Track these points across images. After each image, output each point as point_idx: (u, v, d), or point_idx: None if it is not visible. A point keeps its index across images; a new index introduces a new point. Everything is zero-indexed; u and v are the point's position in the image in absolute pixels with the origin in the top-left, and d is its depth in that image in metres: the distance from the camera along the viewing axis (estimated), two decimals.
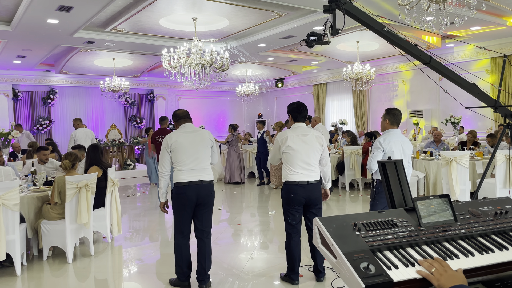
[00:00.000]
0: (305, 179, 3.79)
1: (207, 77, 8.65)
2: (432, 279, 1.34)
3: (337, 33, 2.98)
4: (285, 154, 3.82)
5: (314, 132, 3.94)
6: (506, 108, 3.85)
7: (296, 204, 3.82)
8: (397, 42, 3.19)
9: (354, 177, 9.05)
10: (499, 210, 1.72)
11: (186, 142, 3.76)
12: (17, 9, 7.70)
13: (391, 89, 13.93)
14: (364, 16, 3.07)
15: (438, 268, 1.36)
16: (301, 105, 3.95)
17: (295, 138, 3.81)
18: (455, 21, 5.31)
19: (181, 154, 3.75)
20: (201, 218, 3.83)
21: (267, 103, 19.07)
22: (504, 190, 6.28)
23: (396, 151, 4.00)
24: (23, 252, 4.60)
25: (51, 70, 13.87)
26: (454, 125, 10.16)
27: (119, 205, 5.73)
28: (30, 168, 5.90)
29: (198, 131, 3.87)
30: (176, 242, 3.85)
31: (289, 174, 3.81)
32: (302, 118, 3.92)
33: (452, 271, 1.35)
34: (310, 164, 3.82)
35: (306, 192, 3.79)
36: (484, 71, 11.43)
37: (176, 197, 3.77)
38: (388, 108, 4.23)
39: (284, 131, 3.96)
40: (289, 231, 3.92)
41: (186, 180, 3.72)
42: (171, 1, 7.55)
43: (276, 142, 3.90)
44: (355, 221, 1.56)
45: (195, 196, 3.73)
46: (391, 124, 4.10)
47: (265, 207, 7.93)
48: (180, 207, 3.77)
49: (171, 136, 3.81)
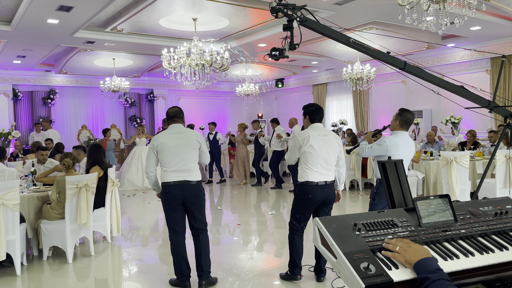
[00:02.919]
0: (323, 179, 3.79)
1: (207, 77, 8.65)
2: (398, 257, 1.39)
3: (294, 48, 3.29)
4: (306, 154, 3.78)
5: (333, 133, 3.95)
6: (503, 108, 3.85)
7: (312, 205, 3.82)
8: (367, 52, 3.34)
9: (354, 177, 9.05)
10: (499, 210, 1.72)
11: (171, 143, 3.78)
12: (17, 9, 7.70)
13: (391, 89, 13.93)
14: (328, 30, 3.29)
15: (402, 245, 1.41)
16: (319, 108, 3.99)
17: (317, 138, 3.79)
18: (455, 21, 5.31)
19: (167, 155, 3.77)
20: (193, 217, 3.87)
21: (267, 103, 19.07)
22: (504, 190, 6.28)
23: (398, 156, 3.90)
24: (23, 252, 4.60)
25: (51, 70, 13.87)
26: (454, 125, 10.16)
27: (119, 205, 5.73)
28: (30, 168, 5.90)
29: (185, 132, 3.86)
30: (170, 240, 3.89)
31: (308, 174, 3.77)
32: (318, 120, 3.94)
33: (416, 246, 1.40)
34: (330, 164, 3.82)
35: (324, 193, 3.79)
36: (484, 71, 11.43)
37: (163, 196, 3.83)
38: (402, 108, 4.10)
39: (304, 130, 3.93)
40: (294, 228, 3.92)
41: (172, 180, 3.75)
42: (171, 1, 7.55)
43: (297, 142, 3.85)
44: (355, 221, 1.56)
45: (180, 196, 3.76)
46: (401, 126, 4.01)
47: (265, 207, 7.93)
48: (167, 205, 3.81)
49: (158, 137, 3.85)
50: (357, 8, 7.78)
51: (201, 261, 3.87)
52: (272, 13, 3.32)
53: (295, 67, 14.87)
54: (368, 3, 7.52)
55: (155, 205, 8.25)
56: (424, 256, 1.35)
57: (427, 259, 1.34)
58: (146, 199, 8.94)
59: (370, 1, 7.42)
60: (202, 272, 3.88)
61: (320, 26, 3.26)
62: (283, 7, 3.28)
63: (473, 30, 9.63)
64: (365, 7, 7.74)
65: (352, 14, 8.15)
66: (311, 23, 3.26)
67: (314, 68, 15.34)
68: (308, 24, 3.27)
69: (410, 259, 1.35)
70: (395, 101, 13.62)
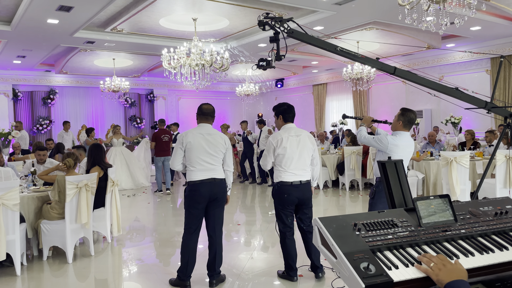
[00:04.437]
0: (298, 179, 3.83)
1: (207, 77, 8.65)
2: (431, 274, 1.34)
3: (280, 59, 3.48)
4: (279, 156, 3.83)
5: (306, 132, 3.97)
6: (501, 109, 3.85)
7: (290, 204, 3.87)
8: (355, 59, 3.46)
9: (354, 177, 9.05)
10: (499, 210, 1.72)
11: (199, 145, 3.77)
12: (17, 9, 7.71)
13: (391, 89, 13.94)
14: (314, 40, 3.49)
15: (437, 262, 1.36)
16: (291, 106, 4.02)
17: (290, 139, 3.83)
18: (455, 21, 5.30)
19: (194, 156, 3.77)
20: (213, 215, 3.88)
21: (267, 103, 19.07)
22: (504, 190, 6.27)
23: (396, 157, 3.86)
24: (23, 252, 4.60)
25: (51, 70, 13.87)
26: (454, 125, 10.16)
27: (119, 205, 5.72)
28: (30, 168, 5.90)
29: (213, 135, 3.86)
30: (183, 239, 3.89)
31: (282, 175, 3.83)
32: (291, 119, 3.97)
33: (451, 266, 1.35)
34: (304, 164, 3.86)
35: (299, 192, 3.84)
36: (484, 71, 11.43)
37: (189, 194, 3.81)
38: (404, 108, 3.98)
39: (276, 132, 3.95)
40: (283, 230, 3.95)
41: (199, 178, 3.76)
42: (171, 1, 7.55)
43: (270, 144, 3.88)
44: (355, 221, 1.56)
45: (208, 193, 3.78)
46: (404, 126, 3.91)
47: (265, 207, 7.93)
48: (192, 204, 3.80)
49: (187, 135, 3.82)
50: (357, 8, 7.78)
51: (214, 262, 3.90)
52: (259, 26, 3.49)
53: (295, 67, 14.87)
54: (368, 3, 7.52)
55: (155, 205, 8.25)
56: (457, 278, 1.30)
57: (460, 282, 1.28)
58: (146, 199, 8.94)
59: (370, 1, 7.42)
60: (214, 272, 3.91)
61: (306, 36, 3.44)
62: (270, 20, 3.46)
63: (473, 30, 9.63)
64: (365, 7, 7.74)
65: (352, 14, 8.15)
66: (298, 34, 3.44)
67: (314, 68, 15.34)
68: (295, 35, 3.46)
69: (443, 279, 1.30)
70: (395, 101, 13.61)
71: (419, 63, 12.75)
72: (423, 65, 12.65)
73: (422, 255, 1.42)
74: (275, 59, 3.49)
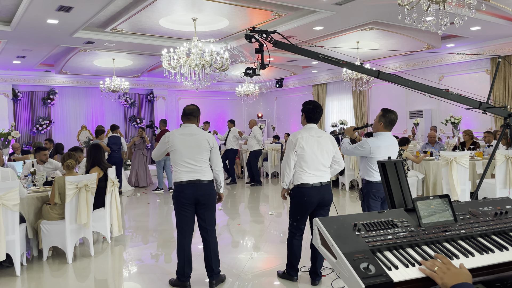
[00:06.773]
0: (318, 180, 3.75)
1: (207, 77, 8.65)
2: (436, 277, 1.33)
3: (264, 68, 3.90)
4: (299, 156, 3.74)
5: (327, 134, 3.90)
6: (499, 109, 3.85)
7: (309, 207, 3.77)
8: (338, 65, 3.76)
9: (354, 177, 9.05)
10: (499, 210, 1.72)
11: (181, 146, 3.77)
12: (17, 9, 7.70)
13: (391, 89, 13.93)
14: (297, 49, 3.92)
15: (441, 266, 1.35)
16: (317, 107, 3.87)
17: (310, 139, 3.75)
18: (455, 21, 5.30)
19: (177, 157, 3.78)
20: (203, 217, 3.88)
21: (267, 103, 19.06)
22: (504, 190, 6.27)
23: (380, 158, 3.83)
24: (23, 253, 4.60)
25: (51, 70, 13.86)
26: (454, 125, 10.16)
27: (119, 206, 5.72)
28: (29, 168, 5.90)
29: (196, 135, 3.83)
30: (177, 241, 3.89)
31: (303, 177, 3.74)
32: (315, 120, 3.86)
33: (456, 269, 1.34)
34: (324, 165, 3.78)
35: (320, 194, 3.75)
36: (484, 71, 11.43)
37: (175, 195, 3.82)
38: (385, 109, 3.99)
39: (297, 131, 3.89)
40: (293, 231, 3.89)
41: (184, 179, 3.76)
42: (171, 1, 7.55)
43: (290, 143, 3.80)
44: (355, 221, 1.56)
45: (192, 194, 3.76)
46: (385, 127, 3.92)
47: (265, 207, 7.93)
48: (179, 205, 3.81)
49: (170, 136, 3.84)
50: (357, 8, 7.78)
51: (211, 262, 3.90)
52: (246, 39, 3.83)
53: (295, 67, 14.86)
54: (368, 3, 7.52)
55: (155, 205, 8.25)
56: (462, 281, 1.30)
57: (465, 285, 1.28)
58: (146, 199, 8.94)
59: (370, 1, 7.42)
60: (213, 272, 3.91)
61: (289, 46, 3.85)
62: (256, 33, 3.81)
63: (473, 30, 9.63)
64: (365, 7, 7.74)
65: (352, 14, 8.15)
66: (281, 44, 3.85)
67: (314, 68, 15.33)
68: (278, 46, 3.85)
69: (447, 282, 1.30)
70: (395, 101, 13.61)
71: (418, 63, 12.75)
72: (423, 65, 12.65)
73: (426, 261, 1.41)
74: (260, 68, 3.88)
